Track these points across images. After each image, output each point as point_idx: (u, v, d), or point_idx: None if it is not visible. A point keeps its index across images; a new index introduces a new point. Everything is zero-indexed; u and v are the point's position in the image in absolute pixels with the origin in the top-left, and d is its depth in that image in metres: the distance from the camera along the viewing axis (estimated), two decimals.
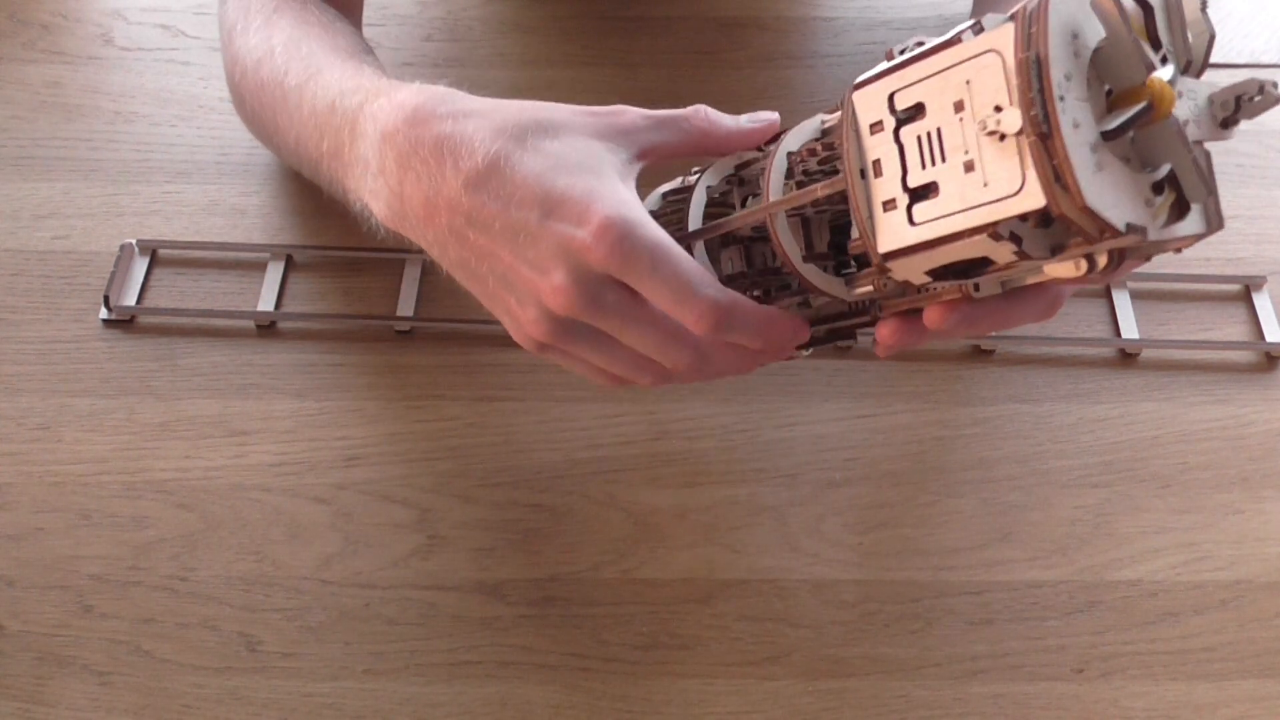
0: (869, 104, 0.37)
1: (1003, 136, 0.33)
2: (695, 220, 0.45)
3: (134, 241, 0.64)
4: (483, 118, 0.43)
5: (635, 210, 0.41)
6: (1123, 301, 0.63)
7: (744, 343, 0.43)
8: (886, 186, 0.37)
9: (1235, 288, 0.64)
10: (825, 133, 0.42)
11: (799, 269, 0.42)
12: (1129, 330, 0.62)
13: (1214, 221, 0.36)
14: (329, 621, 0.52)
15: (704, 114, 0.45)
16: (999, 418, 0.59)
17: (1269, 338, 0.62)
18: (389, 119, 0.44)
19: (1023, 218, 0.34)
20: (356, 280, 0.63)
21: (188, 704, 0.50)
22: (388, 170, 0.44)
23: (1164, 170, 0.35)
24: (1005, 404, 0.60)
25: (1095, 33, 0.34)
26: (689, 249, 0.44)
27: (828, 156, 0.41)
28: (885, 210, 0.37)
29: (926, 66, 0.36)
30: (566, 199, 0.41)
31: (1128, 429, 0.59)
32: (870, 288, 0.41)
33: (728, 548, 0.55)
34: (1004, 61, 0.34)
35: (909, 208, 0.36)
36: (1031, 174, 0.33)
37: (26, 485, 0.56)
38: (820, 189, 0.40)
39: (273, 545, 0.54)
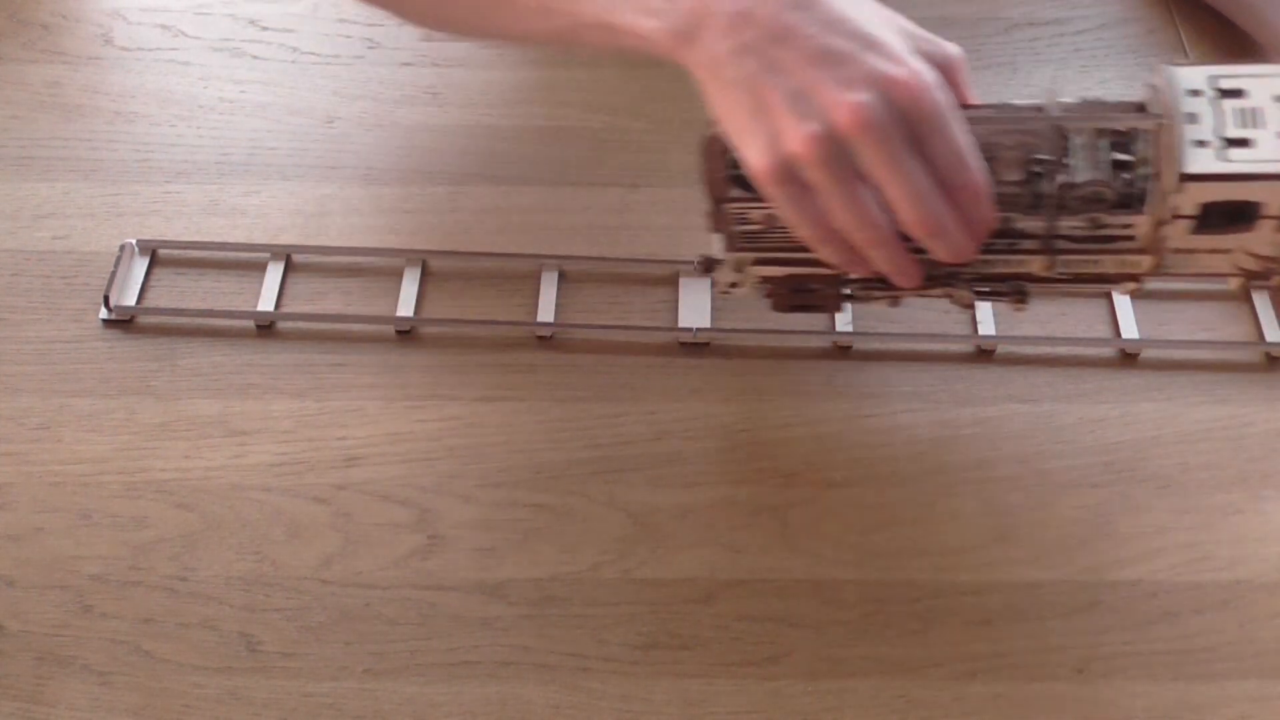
0: (1189, 76, 0.48)
1: None
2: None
3: (134, 241, 0.64)
4: None
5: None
6: (1123, 301, 0.63)
7: (975, 218, 0.47)
8: (1201, 131, 0.47)
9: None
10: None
11: (1166, 185, 0.48)
12: (1129, 330, 0.62)
13: None
14: (329, 621, 0.52)
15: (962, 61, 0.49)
16: (999, 418, 0.59)
17: (1269, 338, 0.62)
18: None
19: None
20: (356, 280, 0.63)
21: (188, 704, 0.50)
22: None
23: None
24: (1005, 404, 0.60)
25: None
26: None
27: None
28: (1197, 147, 0.47)
29: (1256, 70, 0.48)
30: (885, 43, 0.46)
31: (1128, 429, 0.59)
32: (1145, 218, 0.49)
33: (728, 548, 0.55)
34: None
35: (1223, 150, 0.47)
36: None
37: (26, 485, 0.56)
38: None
39: (273, 545, 0.54)
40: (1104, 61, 0.75)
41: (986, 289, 0.53)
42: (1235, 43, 0.75)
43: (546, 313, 0.62)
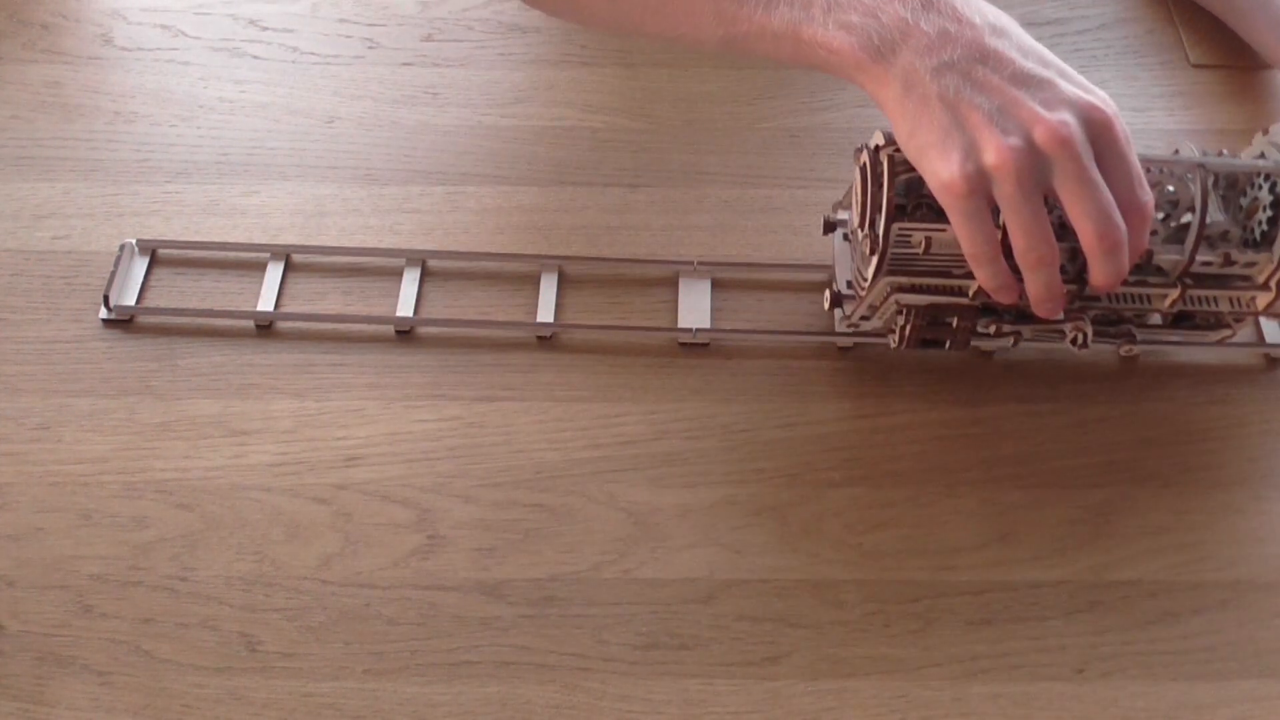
0: None
1: None
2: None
3: (134, 241, 0.64)
4: None
5: None
6: None
7: (1135, 244, 0.50)
8: None
9: None
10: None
11: None
12: None
13: None
14: (329, 621, 0.52)
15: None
16: (999, 418, 0.59)
17: (1269, 338, 0.62)
18: None
19: None
20: (356, 280, 0.63)
21: (188, 704, 0.50)
22: (891, 5, 0.49)
23: None
24: (1005, 404, 0.60)
25: None
26: None
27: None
28: None
29: None
30: (1076, 76, 0.50)
31: (1128, 429, 0.59)
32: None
33: (728, 548, 0.55)
34: None
35: None
36: None
37: (26, 485, 0.56)
38: None
39: (273, 545, 0.54)
40: (1104, 61, 0.75)
41: (1102, 329, 0.57)
42: (1234, 44, 0.75)
43: (546, 313, 0.62)
